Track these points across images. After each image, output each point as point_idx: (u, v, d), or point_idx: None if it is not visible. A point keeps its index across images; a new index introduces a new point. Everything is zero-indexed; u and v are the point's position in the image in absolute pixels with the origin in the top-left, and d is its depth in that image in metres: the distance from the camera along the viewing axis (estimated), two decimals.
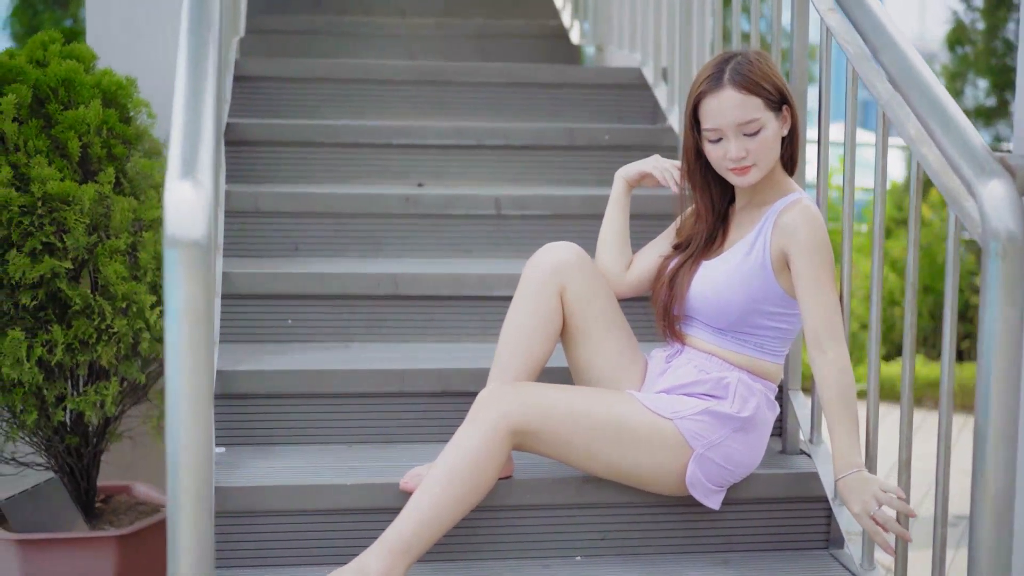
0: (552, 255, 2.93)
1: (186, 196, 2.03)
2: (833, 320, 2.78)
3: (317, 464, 3.02)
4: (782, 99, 2.83)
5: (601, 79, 4.49)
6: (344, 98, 4.33)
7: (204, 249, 2.00)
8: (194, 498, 2.04)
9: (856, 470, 2.72)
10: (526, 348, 2.89)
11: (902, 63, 2.50)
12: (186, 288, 1.99)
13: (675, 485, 2.87)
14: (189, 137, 2.17)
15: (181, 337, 2.01)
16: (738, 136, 2.80)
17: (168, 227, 2.00)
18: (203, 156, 2.14)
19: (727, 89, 2.80)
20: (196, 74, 2.33)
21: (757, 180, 2.84)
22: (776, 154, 2.85)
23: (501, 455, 2.74)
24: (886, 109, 2.66)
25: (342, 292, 3.48)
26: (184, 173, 2.08)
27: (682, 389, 2.88)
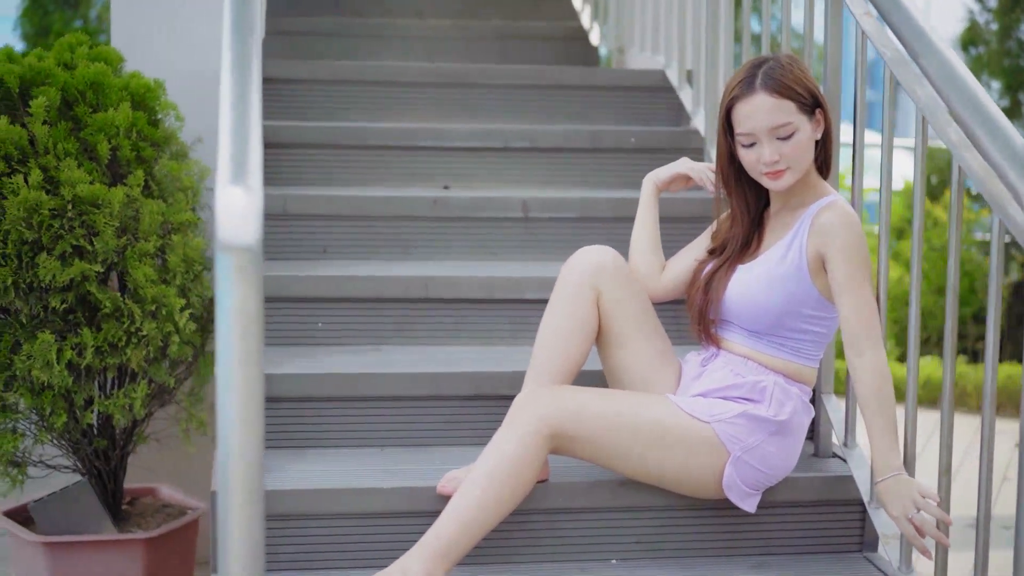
0: (589, 259, 2.93)
1: (237, 201, 2.03)
2: (871, 322, 2.78)
3: (352, 467, 3.02)
4: (815, 102, 2.83)
5: (625, 81, 4.49)
6: (370, 100, 4.33)
7: (256, 254, 2.00)
8: (245, 503, 2.04)
9: (895, 473, 2.73)
10: (562, 351, 2.89)
11: (944, 68, 2.50)
12: (238, 293, 1.99)
13: (712, 488, 2.87)
14: (237, 142, 2.17)
15: (232, 342, 2.00)
16: (771, 140, 2.80)
17: (220, 232, 1.99)
18: (252, 161, 2.14)
19: (759, 93, 2.80)
20: (241, 79, 2.33)
21: (791, 184, 2.84)
22: (810, 157, 2.85)
23: (539, 459, 2.74)
24: (926, 113, 2.66)
25: (373, 295, 3.48)
26: (235, 178, 2.08)
27: (718, 392, 2.88)
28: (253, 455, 2.04)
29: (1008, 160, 2.29)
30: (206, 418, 3.89)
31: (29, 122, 3.51)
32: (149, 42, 4.19)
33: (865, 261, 2.80)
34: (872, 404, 2.76)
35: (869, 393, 2.76)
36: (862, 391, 2.78)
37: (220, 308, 2.00)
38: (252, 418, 2.04)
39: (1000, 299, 2.46)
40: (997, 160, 2.31)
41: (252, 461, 2.04)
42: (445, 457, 3.11)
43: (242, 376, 2.01)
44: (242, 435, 2.02)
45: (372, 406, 3.20)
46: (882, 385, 2.77)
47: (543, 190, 4.03)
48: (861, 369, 2.79)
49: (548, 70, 4.54)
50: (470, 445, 3.20)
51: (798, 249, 2.84)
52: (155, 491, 4.17)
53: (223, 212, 2.02)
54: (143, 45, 4.17)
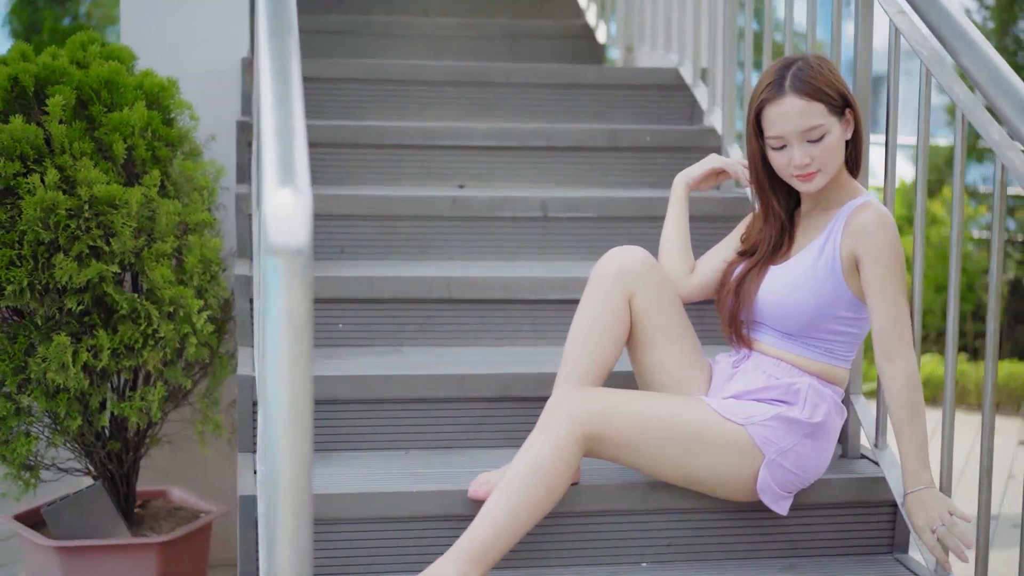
0: (621, 259, 2.91)
1: (286, 203, 1.99)
2: (903, 327, 2.77)
3: (380, 471, 2.99)
4: (844, 103, 2.80)
5: (640, 79, 4.46)
6: (385, 99, 4.29)
7: (307, 257, 1.96)
8: (294, 510, 2.00)
9: (925, 486, 2.73)
10: (594, 350, 2.86)
11: (987, 66, 2.49)
12: (288, 297, 1.95)
13: (746, 491, 2.85)
14: (282, 143, 2.13)
15: (282, 346, 1.97)
16: (802, 143, 2.78)
17: (269, 235, 1.96)
18: (299, 161, 2.10)
19: (789, 96, 2.77)
20: (281, 78, 2.29)
21: (823, 186, 2.82)
22: (841, 158, 2.83)
23: (573, 461, 2.72)
24: (966, 113, 2.64)
25: (394, 296, 3.45)
26: (282, 180, 2.04)
27: (752, 395, 2.86)
28: (303, 463, 2.01)
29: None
30: (221, 420, 3.85)
31: (45, 121, 3.47)
32: (159, 39, 4.14)
33: (900, 263, 2.78)
34: (903, 413, 2.75)
35: (900, 402, 2.75)
36: (893, 399, 2.77)
37: (269, 313, 1.96)
38: (301, 424, 2.01)
39: None
40: None
41: (302, 469, 2.01)
42: (472, 460, 3.08)
43: (292, 381, 1.98)
44: (292, 442, 1.99)
45: (398, 408, 3.17)
46: (913, 393, 2.75)
47: (561, 189, 4.01)
48: (892, 376, 2.77)
49: (563, 68, 4.51)
50: (497, 447, 3.18)
51: (832, 250, 2.82)
52: (167, 494, 4.13)
53: (271, 214, 1.98)
54: (153, 42, 4.13)
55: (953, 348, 2.79)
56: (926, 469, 2.75)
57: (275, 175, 2.06)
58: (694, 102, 4.39)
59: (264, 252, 1.96)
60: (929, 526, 2.70)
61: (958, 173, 2.70)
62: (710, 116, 4.18)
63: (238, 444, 3.17)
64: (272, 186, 2.03)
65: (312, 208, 2.00)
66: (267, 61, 2.33)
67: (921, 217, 2.89)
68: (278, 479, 2.00)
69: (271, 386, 1.98)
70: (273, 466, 2.00)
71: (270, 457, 2.00)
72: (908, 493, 2.75)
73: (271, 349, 1.98)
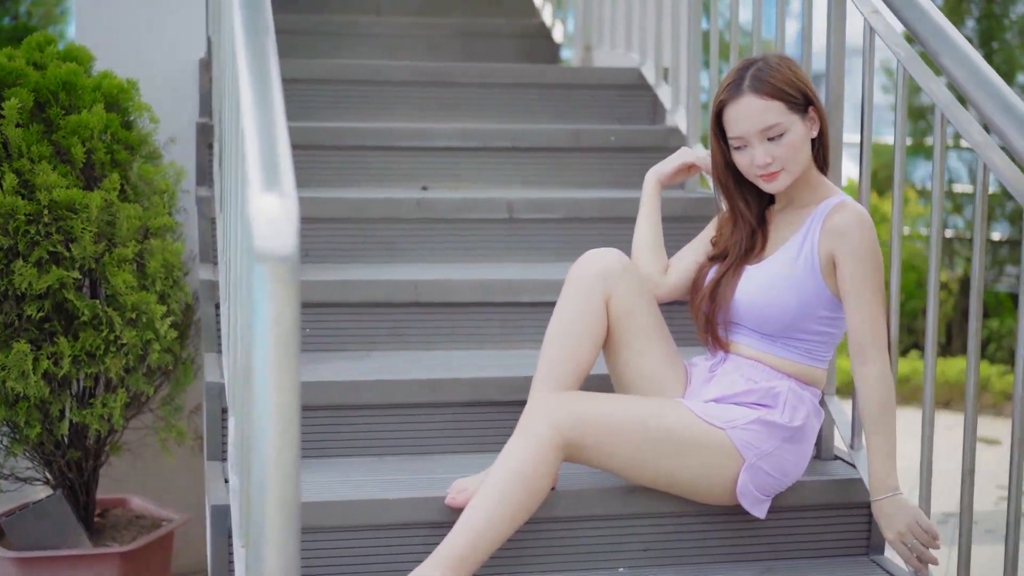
0: (598, 261, 2.88)
1: (272, 208, 1.94)
2: (878, 329, 2.76)
3: (355, 478, 2.94)
4: (807, 100, 2.79)
5: (602, 80, 4.43)
6: (345, 100, 4.24)
7: (294, 263, 1.92)
8: (282, 522, 1.95)
9: (892, 494, 2.75)
10: (571, 355, 2.83)
11: (968, 67, 2.48)
12: (275, 304, 1.90)
13: (725, 495, 2.83)
14: (265, 146, 2.08)
15: (268, 355, 1.92)
16: (763, 142, 2.77)
17: (256, 241, 1.91)
18: (283, 165, 2.06)
19: (747, 95, 2.76)
20: (261, 80, 2.24)
21: (788, 184, 2.81)
22: (805, 157, 2.81)
23: (553, 467, 2.68)
24: (946, 112, 2.63)
25: (362, 300, 3.40)
26: (267, 185, 1.99)
27: (732, 398, 2.84)
28: (291, 474, 1.96)
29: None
30: (184, 427, 3.79)
31: (2, 124, 3.39)
32: (115, 39, 4.07)
33: (877, 265, 2.77)
34: (874, 417, 2.75)
35: (872, 405, 2.76)
36: (865, 403, 2.77)
37: (256, 321, 1.92)
38: (289, 435, 1.96)
39: None
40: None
41: (290, 481, 1.96)
42: (447, 465, 3.04)
43: (280, 390, 1.93)
44: (280, 453, 1.94)
45: (370, 414, 3.12)
46: (885, 397, 2.75)
47: (527, 190, 3.97)
48: (865, 379, 2.77)
49: (526, 68, 4.48)
50: (471, 452, 3.14)
51: (810, 249, 2.81)
52: (126, 502, 4.06)
53: (257, 220, 1.93)
54: (108, 42, 4.05)
55: (933, 348, 2.78)
56: (893, 474, 2.75)
57: (259, 179, 2.01)
58: (656, 102, 4.37)
59: (250, 259, 1.91)
60: (900, 538, 2.72)
61: (937, 172, 2.69)
62: (673, 116, 4.16)
63: (206, 452, 3.11)
64: (256, 191, 1.99)
65: (299, 213, 1.96)
66: (246, 63, 2.28)
67: (898, 217, 2.87)
68: (265, 489, 1.95)
69: (258, 395, 1.94)
70: (260, 476, 1.95)
71: (257, 467, 1.95)
72: (875, 501, 2.75)
73: (258, 357, 1.93)
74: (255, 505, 1.95)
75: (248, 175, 2.03)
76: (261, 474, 1.95)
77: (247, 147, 2.10)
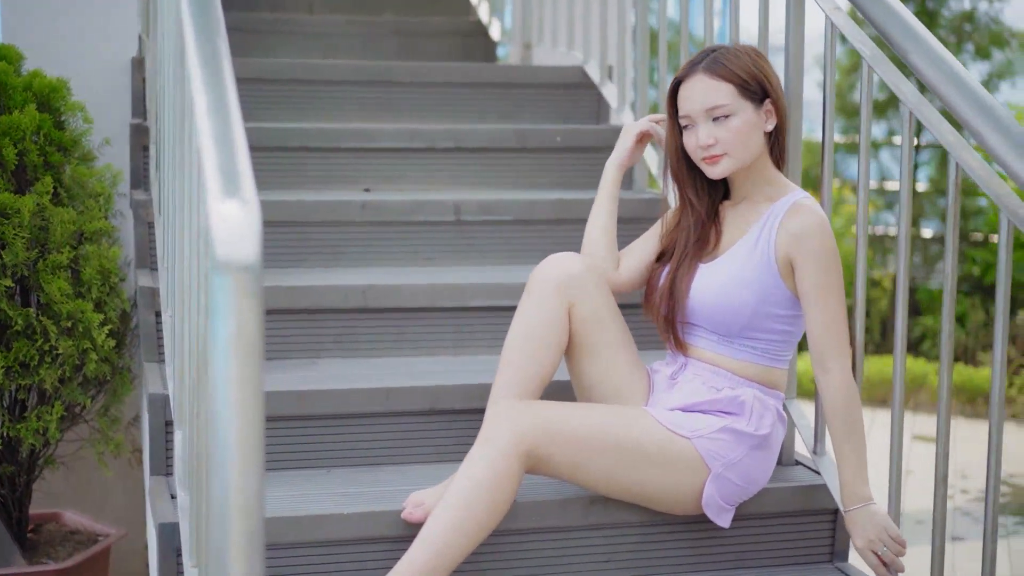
0: (561, 266, 2.79)
1: (233, 215, 1.84)
2: (840, 335, 2.70)
3: (305, 491, 2.84)
4: (763, 92, 2.73)
5: (545, 78, 4.35)
6: (285, 100, 4.12)
7: (257, 274, 1.82)
8: (247, 546, 1.85)
9: (863, 504, 2.70)
10: (534, 361, 2.74)
11: (939, 65, 2.42)
12: (238, 317, 1.81)
13: (690, 505, 2.76)
14: (223, 151, 1.98)
15: (231, 371, 1.82)
16: (707, 122, 2.72)
17: (217, 250, 1.81)
18: (243, 170, 1.96)
19: (699, 74, 2.74)
20: (216, 82, 2.13)
21: (731, 171, 2.75)
22: (753, 146, 2.74)
23: (516, 478, 2.60)
24: (915, 112, 2.57)
25: (308, 306, 3.29)
26: (227, 190, 1.89)
27: (697, 407, 2.77)
28: (255, 496, 1.86)
29: (1019, 159, 2.21)
30: (122, 439, 3.66)
31: None
32: (44, 37, 3.92)
33: (836, 268, 2.71)
34: (841, 426, 2.70)
35: (837, 414, 2.70)
36: (830, 411, 2.72)
37: (217, 334, 1.81)
38: (253, 456, 1.86)
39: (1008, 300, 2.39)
40: (1007, 159, 2.23)
41: (254, 503, 1.86)
42: (401, 477, 2.95)
43: (242, 408, 1.83)
44: (243, 475, 1.84)
45: (319, 425, 3.02)
46: (850, 404, 2.70)
47: (474, 192, 3.88)
48: (828, 387, 2.71)
49: (468, 67, 4.38)
50: (427, 463, 3.05)
51: (766, 247, 2.74)
52: (60, 517, 3.93)
53: (218, 228, 1.83)
54: (37, 41, 3.90)
55: (902, 349, 2.72)
56: (865, 484, 2.70)
57: (219, 186, 1.91)
58: (601, 101, 4.30)
59: (210, 269, 1.81)
60: (869, 547, 2.67)
61: (905, 173, 2.63)
62: (619, 115, 4.09)
63: (149, 467, 2.99)
64: (216, 197, 1.89)
65: (261, 220, 1.86)
66: (199, 64, 2.17)
67: (863, 220, 2.82)
68: (228, 515, 1.84)
69: (220, 414, 1.83)
70: (222, 502, 1.85)
71: (219, 490, 1.85)
72: (846, 511, 2.70)
73: (219, 374, 1.83)
74: (215, 527, 1.85)
75: (206, 182, 1.93)
76: (223, 500, 1.84)
77: (204, 153, 1.99)
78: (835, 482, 2.92)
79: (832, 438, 2.72)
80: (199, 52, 2.20)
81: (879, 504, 2.71)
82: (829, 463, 2.98)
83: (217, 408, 1.83)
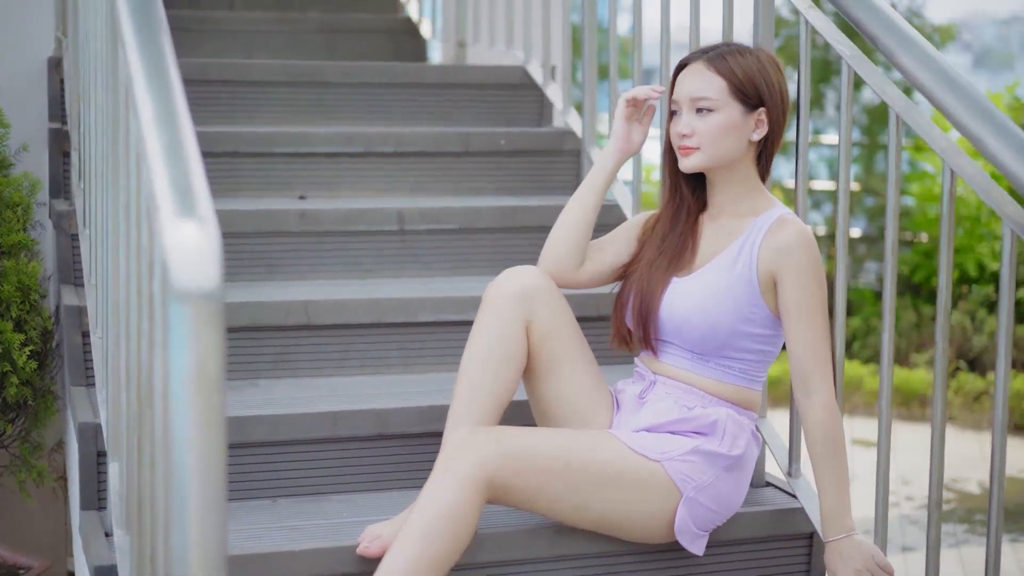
0: (517, 280, 2.62)
1: (190, 238, 1.65)
2: (822, 356, 2.56)
3: (247, 526, 2.64)
4: (758, 99, 2.58)
5: (485, 79, 4.16)
6: (210, 102, 3.89)
7: (219, 300, 1.63)
8: None
9: (847, 534, 2.56)
10: (492, 383, 2.57)
11: (930, 66, 2.28)
12: (199, 350, 1.61)
13: (662, 532, 2.60)
14: (174, 165, 1.79)
15: (191, 411, 1.62)
16: (690, 111, 2.59)
17: (173, 277, 1.61)
18: (198, 186, 1.76)
19: (698, 62, 2.61)
20: (161, 86, 1.94)
21: (700, 167, 2.60)
22: (731, 149, 2.59)
23: (478, 509, 2.42)
24: (904, 116, 2.43)
25: (246, 323, 3.08)
26: (182, 209, 1.69)
27: (666, 427, 2.61)
28: (217, 549, 1.67)
29: None
30: (45, 467, 3.42)
31: None
32: None
33: (821, 286, 2.57)
34: (823, 452, 2.57)
35: (819, 439, 2.57)
36: (812, 437, 2.58)
37: (174, 370, 1.62)
38: (214, 504, 1.67)
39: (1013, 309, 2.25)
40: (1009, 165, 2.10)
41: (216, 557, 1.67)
42: (351, 507, 2.76)
43: (202, 452, 1.64)
44: (205, 525, 1.65)
45: (261, 452, 2.82)
46: (833, 429, 2.57)
47: (416, 199, 3.68)
48: (810, 410, 2.57)
49: (405, 67, 4.19)
50: (377, 491, 2.87)
51: (747, 261, 2.59)
52: None
53: (174, 253, 1.63)
54: None
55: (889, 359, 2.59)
56: (848, 514, 2.57)
57: (172, 204, 1.71)
58: (544, 102, 4.12)
59: (165, 297, 1.62)
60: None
61: (893, 180, 2.49)
62: (565, 116, 3.92)
63: (79, 501, 2.77)
64: (169, 217, 1.69)
65: (221, 242, 1.66)
66: (141, 67, 1.97)
67: (844, 233, 2.67)
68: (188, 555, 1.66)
69: (177, 459, 1.64)
70: (183, 556, 1.66)
71: (178, 544, 1.66)
72: (829, 542, 2.56)
73: (177, 414, 1.64)
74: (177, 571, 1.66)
75: (156, 199, 1.73)
76: (183, 556, 1.65)
77: (153, 166, 1.80)
78: (811, 504, 2.78)
79: (813, 464, 2.57)
80: (142, 52, 2.00)
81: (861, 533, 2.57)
82: (805, 485, 2.84)
83: (176, 455, 1.64)
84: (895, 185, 2.48)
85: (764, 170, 2.69)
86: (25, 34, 3.71)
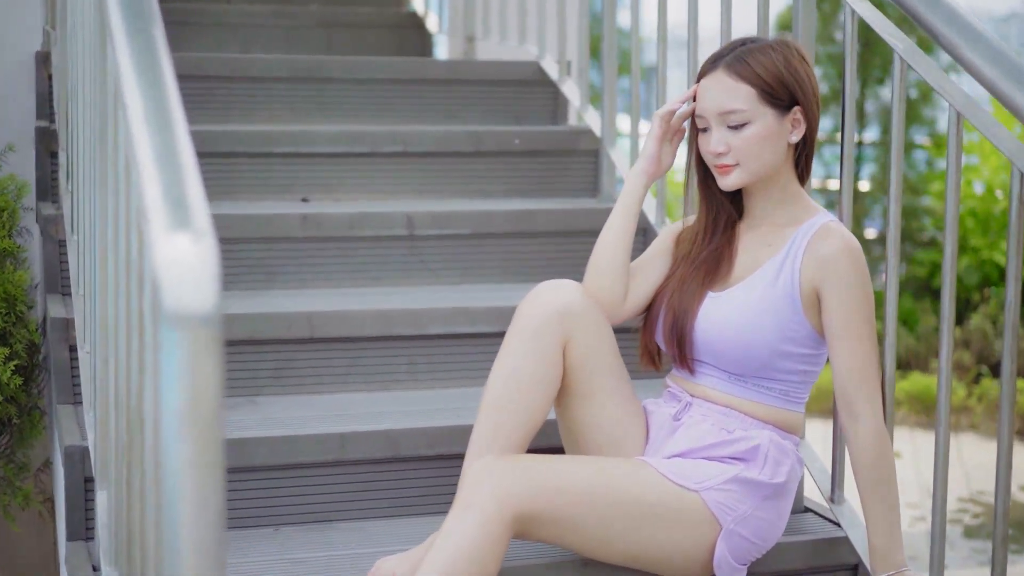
0: (556, 296, 2.39)
1: (185, 254, 1.44)
2: (869, 375, 2.36)
3: (252, 558, 2.44)
4: (791, 98, 2.37)
5: (497, 75, 3.95)
6: (206, 99, 3.68)
7: (217, 325, 1.42)
8: None
9: (897, 571, 2.36)
10: (523, 403, 2.35)
11: (1000, 61, 2.07)
12: (195, 380, 1.41)
13: (699, 567, 2.39)
14: (168, 169, 1.59)
15: (184, 447, 1.42)
16: (720, 127, 2.37)
17: (166, 299, 1.40)
18: (193, 193, 1.56)
19: (720, 71, 2.38)
20: (153, 79, 1.75)
21: (742, 184, 2.39)
22: (772, 159, 2.38)
23: (503, 545, 2.21)
24: (963, 111, 2.23)
25: (245, 336, 2.88)
26: (176, 221, 1.49)
27: (702, 452, 2.40)
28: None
29: None
30: (31, 489, 3.21)
31: None
32: None
33: (868, 301, 2.36)
34: (871, 482, 2.37)
35: (868, 468, 2.37)
36: (859, 464, 2.38)
37: (167, 401, 1.42)
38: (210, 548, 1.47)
39: None
40: None
41: None
42: (362, 536, 2.56)
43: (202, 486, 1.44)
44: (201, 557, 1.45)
45: (262, 477, 2.62)
46: (883, 458, 2.37)
47: (426, 202, 3.48)
48: (858, 436, 2.37)
49: (411, 62, 3.98)
50: (387, 517, 2.67)
51: (790, 276, 2.38)
52: None
53: (166, 270, 1.43)
54: None
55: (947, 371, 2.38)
56: (900, 548, 2.36)
57: (164, 215, 1.51)
58: (559, 99, 3.92)
59: (158, 320, 1.43)
60: None
61: (952, 185, 2.28)
62: (584, 115, 3.71)
63: (65, 530, 2.57)
64: (161, 230, 1.49)
65: (219, 258, 1.46)
66: (130, 60, 1.77)
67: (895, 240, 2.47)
68: None
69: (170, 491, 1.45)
70: None
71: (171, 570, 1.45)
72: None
73: (169, 445, 1.44)
74: None
75: (147, 210, 1.53)
76: None
77: (143, 171, 1.60)
78: (856, 533, 2.58)
79: (861, 493, 2.37)
80: (131, 43, 1.81)
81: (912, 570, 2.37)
82: (849, 511, 2.64)
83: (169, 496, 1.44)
84: (955, 190, 2.27)
85: (804, 172, 2.48)
86: (11, 27, 3.51)
